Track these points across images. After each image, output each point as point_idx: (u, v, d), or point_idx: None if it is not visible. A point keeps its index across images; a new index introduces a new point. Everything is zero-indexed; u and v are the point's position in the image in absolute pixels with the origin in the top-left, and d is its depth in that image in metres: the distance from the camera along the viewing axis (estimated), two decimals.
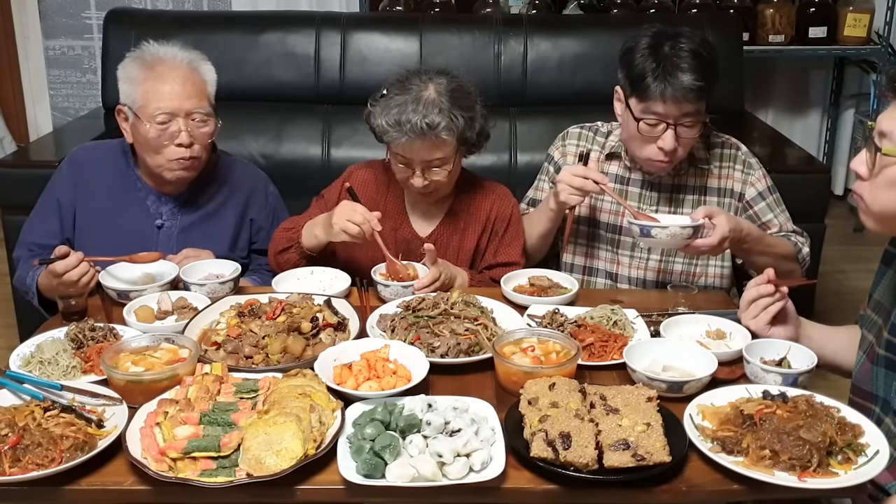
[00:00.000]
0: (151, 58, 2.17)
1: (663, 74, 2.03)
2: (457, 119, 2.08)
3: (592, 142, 2.36)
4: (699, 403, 1.53)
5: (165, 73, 2.14)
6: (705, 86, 2.03)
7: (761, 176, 2.28)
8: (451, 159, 2.13)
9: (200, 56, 2.23)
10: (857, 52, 4.63)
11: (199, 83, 2.18)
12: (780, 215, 2.27)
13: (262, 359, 1.70)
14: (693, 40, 2.07)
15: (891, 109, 1.51)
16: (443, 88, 2.09)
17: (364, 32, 3.30)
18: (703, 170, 2.27)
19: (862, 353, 1.70)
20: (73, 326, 1.76)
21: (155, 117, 2.11)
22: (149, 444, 1.40)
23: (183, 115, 2.13)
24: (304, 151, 3.14)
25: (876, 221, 1.55)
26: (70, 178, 2.27)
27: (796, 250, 2.22)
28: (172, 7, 4.88)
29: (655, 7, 4.30)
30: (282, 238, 2.21)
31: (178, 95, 2.13)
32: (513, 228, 2.30)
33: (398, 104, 2.07)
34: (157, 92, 2.12)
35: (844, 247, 4.21)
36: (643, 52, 2.07)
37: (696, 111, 2.07)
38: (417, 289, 2.00)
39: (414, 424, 1.43)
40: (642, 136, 2.12)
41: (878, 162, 1.50)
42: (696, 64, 2.03)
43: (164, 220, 2.27)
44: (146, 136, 2.13)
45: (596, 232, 2.34)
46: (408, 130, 2.04)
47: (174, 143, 2.14)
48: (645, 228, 1.98)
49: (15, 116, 5.08)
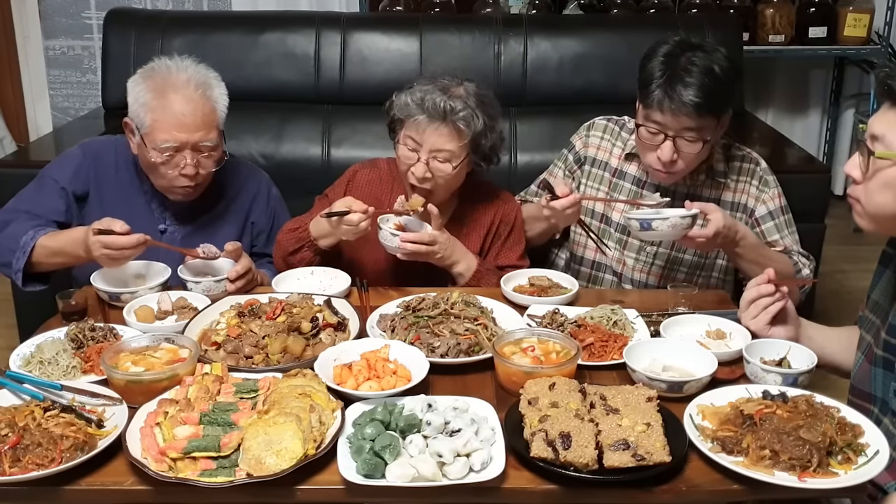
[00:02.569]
0: (163, 81, 2.08)
1: (665, 85, 2.02)
2: (477, 118, 2.10)
3: (617, 136, 2.36)
4: (699, 403, 1.54)
5: (175, 103, 2.05)
6: (705, 104, 2.01)
7: (775, 195, 2.26)
8: (458, 157, 2.12)
9: (213, 77, 2.15)
10: (857, 52, 4.64)
11: (210, 112, 2.10)
12: (787, 237, 2.25)
13: (262, 359, 1.70)
14: (712, 56, 2.04)
15: (882, 112, 1.51)
16: (472, 90, 2.13)
17: (364, 32, 3.30)
18: (720, 182, 2.26)
19: (860, 354, 1.70)
20: (73, 326, 1.76)
21: (161, 148, 2.06)
22: (149, 444, 1.40)
23: (190, 147, 2.08)
24: (304, 151, 3.14)
25: (871, 222, 1.55)
26: (84, 166, 2.21)
27: (795, 270, 2.20)
28: (172, 7, 4.87)
29: (655, 7, 4.30)
30: (290, 239, 2.18)
31: (186, 128, 2.06)
32: (516, 233, 2.30)
33: (426, 89, 2.10)
34: (165, 123, 2.05)
35: (844, 247, 4.20)
36: (658, 59, 2.07)
37: (697, 127, 2.05)
38: (403, 239, 2.03)
39: (414, 424, 1.43)
40: (643, 142, 2.12)
41: (871, 165, 1.50)
42: (704, 80, 2.00)
43: (168, 225, 2.25)
44: (151, 160, 2.09)
45: (607, 229, 2.35)
46: (429, 107, 2.07)
47: (179, 172, 2.10)
48: (645, 222, 1.98)
49: (15, 116, 5.08)
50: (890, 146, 1.47)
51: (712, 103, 2.03)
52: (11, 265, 2.08)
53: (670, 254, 2.30)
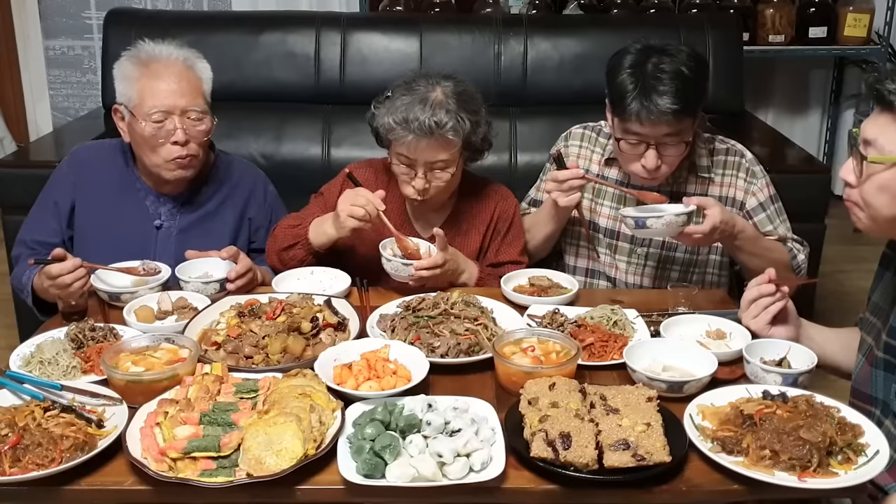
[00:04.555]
0: (146, 56, 2.15)
1: (640, 96, 2.00)
2: (463, 121, 2.07)
3: (595, 143, 2.36)
4: (699, 403, 1.53)
5: (160, 71, 2.13)
6: (683, 108, 2.00)
7: (764, 185, 2.25)
8: (454, 162, 2.12)
9: (196, 54, 2.22)
10: (857, 52, 4.63)
11: (195, 81, 2.17)
12: (780, 226, 2.25)
13: (262, 359, 1.70)
14: (678, 58, 2.04)
15: (873, 117, 1.51)
16: (450, 91, 2.09)
17: (364, 32, 3.30)
18: (705, 178, 2.26)
19: (861, 357, 1.70)
20: (73, 326, 1.76)
21: (150, 115, 2.10)
22: (149, 444, 1.40)
23: (178, 113, 2.12)
24: (304, 151, 3.14)
25: (870, 224, 1.55)
26: (69, 177, 2.26)
27: (791, 256, 2.21)
28: (172, 7, 4.88)
29: (655, 7, 4.29)
30: (287, 235, 2.18)
31: (173, 93, 2.11)
32: (515, 228, 2.30)
33: (405, 103, 2.07)
34: (152, 89, 2.11)
35: (844, 247, 4.20)
36: (625, 70, 2.05)
37: (676, 131, 2.05)
38: (417, 268, 2.00)
39: (414, 424, 1.43)
40: (624, 153, 2.12)
41: (864, 170, 1.50)
42: (676, 86, 2.00)
43: (163, 221, 2.26)
44: (142, 133, 2.12)
45: (595, 235, 2.34)
46: (415, 128, 2.04)
47: (170, 142, 2.12)
48: (640, 220, 1.98)
49: (15, 116, 5.08)
50: (882, 150, 1.47)
51: (689, 106, 2.03)
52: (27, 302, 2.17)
53: (661, 253, 2.30)
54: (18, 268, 2.23)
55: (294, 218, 2.24)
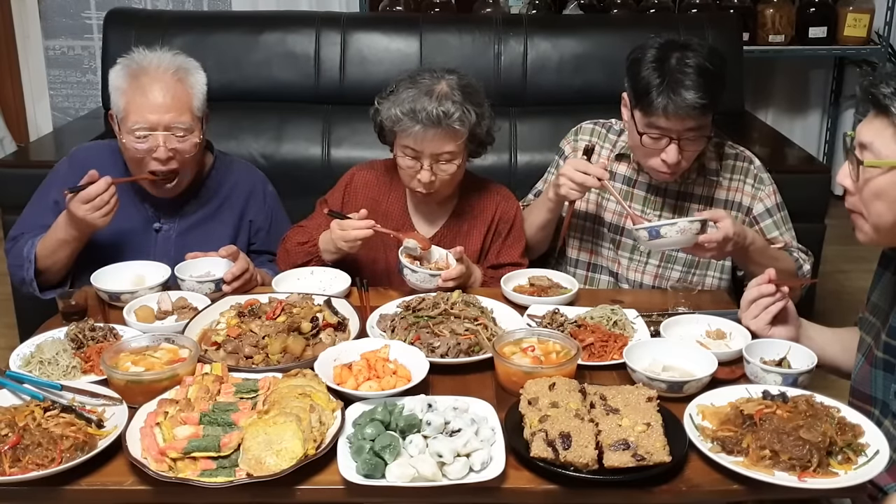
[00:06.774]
0: (137, 67, 2.12)
1: (667, 90, 2.01)
2: (469, 112, 2.09)
3: (604, 139, 2.36)
4: (699, 403, 1.54)
5: (147, 85, 2.09)
6: (710, 102, 2.02)
7: (771, 192, 2.26)
8: (460, 154, 2.13)
9: (191, 63, 2.18)
10: (857, 52, 4.63)
11: (183, 95, 2.12)
12: (785, 233, 2.26)
13: (262, 359, 1.70)
14: (701, 53, 2.04)
15: (868, 120, 1.50)
16: (454, 83, 2.11)
17: (364, 32, 3.30)
18: (712, 181, 2.26)
19: (860, 357, 1.70)
20: (73, 326, 1.76)
21: (133, 131, 2.08)
22: (149, 444, 1.40)
23: (162, 129, 2.08)
24: (304, 151, 3.13)
25: (873, 235, 1.54)
26: (69, 177, 2.25)
27: (796, 266, 2.21)
28: (172, 7, 4.88)
29: (655, 7, 4.29)
30: (299, 252, 2.19)
31: (157, 108, 2.07)
32: (516, 230, 2.30)
33: (411, 95, 2.08)
34: (136, 105, 2.08)
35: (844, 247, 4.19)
36: (649, 65, 2.05)
37: (700, 126, 2.06)
38: (445, 279, 2.00)
39: (414, 424, 1.43)
40: (645, 147, 2.12)
41: (861, 174, 1.50)
42: (702, 80, 2.00)
43: (162, 224, 2.25)
44: (127, 147, 2.11)
45: (600, 230, 2.35)
46: (423, 118, 2.04)
47: (152, 158, 2.10)
48: (654, 230, 1.96)
49: (15, 116, 5.08)
50: (878, 154, 1.47)
51: (713, 101, 2.04)
52: (25, 280, 2.13)
53: (664, 252, 2.30)
54: (15, 249, 2.18)
55: (303, 234, 2.24)
